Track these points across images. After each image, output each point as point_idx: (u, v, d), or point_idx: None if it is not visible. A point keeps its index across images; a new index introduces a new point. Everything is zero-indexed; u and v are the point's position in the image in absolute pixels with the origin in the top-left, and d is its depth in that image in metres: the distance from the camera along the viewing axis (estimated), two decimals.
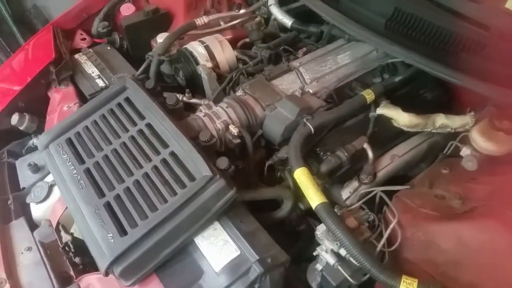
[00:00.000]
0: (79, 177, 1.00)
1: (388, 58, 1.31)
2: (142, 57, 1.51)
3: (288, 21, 1.55)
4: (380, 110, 1.15)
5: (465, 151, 1.06)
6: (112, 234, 0.88)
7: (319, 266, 0.94)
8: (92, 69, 1.53)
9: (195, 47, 1.42)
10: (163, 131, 1.01)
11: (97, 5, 1.77)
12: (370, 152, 1.08)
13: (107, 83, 1.47)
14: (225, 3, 1.78)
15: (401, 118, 1.12)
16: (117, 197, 0.94)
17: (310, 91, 1.23)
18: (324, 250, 0.93)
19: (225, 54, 1.43)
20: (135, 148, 1.01)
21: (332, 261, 0.91)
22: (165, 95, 1.15)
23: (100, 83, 1.47)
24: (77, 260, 1.06)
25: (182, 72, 1.40)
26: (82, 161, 1.03)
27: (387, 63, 1.33)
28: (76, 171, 1.01)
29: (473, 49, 1.06)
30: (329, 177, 1.09)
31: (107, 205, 0.93)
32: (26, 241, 1.13)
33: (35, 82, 1.48)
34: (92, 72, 1.52)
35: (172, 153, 0.97)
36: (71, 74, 1.52)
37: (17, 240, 1.14)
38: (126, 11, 1.75)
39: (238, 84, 1.31)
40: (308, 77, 1.27)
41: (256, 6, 1.68)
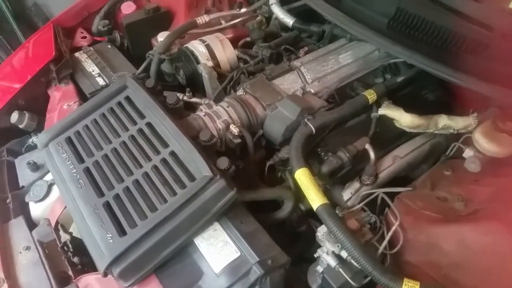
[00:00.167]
0: (79, 176, 0.99)
1: (390, 58, 1.30)
2: (143, 56, 1.50)
3: (289, 20, 1.54)
4: (382, 111, 1.14)
5: (468, 153, 1.05)
6: (111, 234, 0.87)
7: (320, 268, 0.94)
8: (92, 68, 1.53)
9: (196, 46, 1.41)
10: (163, 131, 1.00)
11: (97, 3, 1.77)
12: (372, 153, 1.07)
13: (108, 81, 1.46)
14: (226, 2, 1.78)
15: (403, 118, 1.11)
16: (117, 196, 0.93)
17: (312, 91, 1.22)
18: (325, 252, 0.92)
19: (226, 53, 1.42)
20: (135, 147, 1.00)
21: (333, 263, 0.90)
22: (166, 94, 1.14)
23: (101, 81, 1.47)
24: (75, 260, 1.06)
25: (182, 71, 1.39)
26: (81, 160, 1.03)
27: (389, 63, 1.32)
28: (75, 170, 1.01)
29: (476, 50, 1.05)
30: (330, 178, 1.08)
31: (107, 205, 0.93)
32: (25, 240, 1.12)
33: (35, 80, 1.47)
34: (93, 71, 1.51)
35: (172, 153, 0.96)
36: (71, 73, 1.51)
37: (16, 239, 1.14)
38: (127, 9, 1.74)
39: (239, 83, 1.30)
40: (310, 77, 1.26)
41: (257, 5, 1.67)
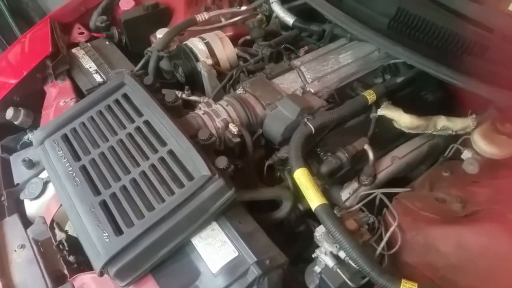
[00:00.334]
0: (75, 174, 0.98)
1: (390, 59, 1.30)
2: (141, 53, 1.49)
3: (289, 19, 1.53)
4: (382, 111, 1.14)
5: (466, 154, 1.05)
6: (107, 233, 0.86)
7: (317, 268, 0.93)
8: (89, 64, 1.51)
9: (195, 44, 1.40)
10: (161, 129, 0.99)
11: None
12: (370, 153, 1.07)
13: (105, 78, 1.45)
14: None
15: (402, 119, 1.10)
16: (113, 195, 0.92)
17: (311, 90, 1.22)
18: (323, 252, 0.92)
19: (226, 51, 1.41)
20: (132, 145, 0.99)
21: (331, 263, 0.90)
22: (164, 92, 1.13)
23: (98, 78, 1.45)
24: (71, 258, 1.05)
25: (181, 68, 1.38)
26: (77, 158, 1.01)
27: (389, 64, 1.31)
28: (71, 168, 0.99)
29: (476, 51, 1.04)
30: (329, 178, 1.08)
31: (103, 204, 0.92)
32: (20, 238, 1.11)
33: (31, 76, 1.45)
34: (90, 67, 1.50)
35: (170, 152, 0.95)
36: (68, 69, 1.49)
37: (10, 238, 1.12)
38: (125, 5, 1.72)
39: (239, 82, 1.29)
40: (310, 77, 1.26)
41: (258, 3, 1.66)
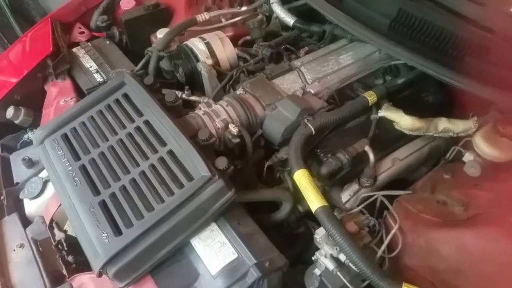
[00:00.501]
0: (74, 174, 0.98)
1: (391, 60, 1.29)
2: (141, 52, 1.49)
3: (290, 20, 1.53)
4: (382, 113, 1.13)
5: (468, 157, 1.04)
6: (106, 234, 0.85)
7: (317, 271, 0.93)
8: (90, 64, 1.51)
9: (196, 44, 1.39)
10: (161, 129, 0.99)
11: None
12: (371, 155, 1.06)
13: (105, 78, 1.44)
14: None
15: (403, 121, 1.10)
16: (113, 195, 0.92)
17: (312, 91, 1.21)
18: (323, 255, 0.91)
19: (226, 52, 1.41)
20: (132, 145, 0.99)
21: (331, 266, 0.89)
22: (164, 92, 1.13)
23: (98, 77, 1.45)
24: (70, 258, 1.04)
25: (181, 68, 1.38)
26: (77, 158, 1.01)
27: (390, 65, 1.31)
28: (71, 168, 0.99)
29: (477, 53, 1.04)
30: (329, 179, 1.08)
31: (102, 204, 0.91)
32: (19, 238, 1.10)
33: (32, 75, 1.45)
34: (90, 67, 1.50)
35: (170, 152, 0.95)
36: (68, 68, 1.49)
37: (9, 237, 1.12)
38: (126, 5, 1.72)
39: (239, 82, 1.29)
40: (310, 77, 1.25)
41: (258, 4, 1.66)
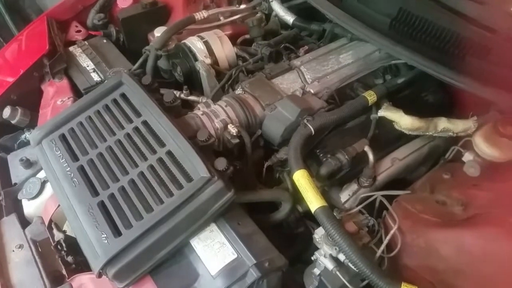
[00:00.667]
0: (73, 175, 0.97)
1: (391, 59, 1.29)
2: (139, 51, 1.48)
3: (289, 18, 1.52)
4: (382, 112, 1.13)
5: (467, 157, 1.04)
6: (106, 235, 0.85)
7: (316, 271, 0.93)
8: (87, 63, 1.50)
9: (194, 43, 1.39)
10: (160, 129, 0.98)
11: None
12: (371, 155, 1.06)
13: (103, 77, 1.44)
14: None
15: (403, 121, 1.09)
16: (112, 196, 0.91)
17: (311, 91, 1.20)
18: (323, 254, 0.91)
19: (225, 51, 1.40)
20: (130, 146, 0.98)
21: (330, 266, 0.89)
22: (163, 92, 1.12)
23: (95, 77, 1.44)
24: (69, 259, 1.04)
25: (179, 68, 1.37)
26: (75, 158, 1.00)
27: (390, 64, 1.30)
28: (69, 169, 0.99)
29: (478, 52, 1.04)
30: (329, 179, 1.07)
31: (101, 204, 0.91)
32: (18, 238, 1.10)
33: (28, 75, 1.44)
34: (87, 66, 1.49)
35: (169, 152, 0.94)
36: (65, 67, 1.48)
37: (8, 238, 1.12)
38: (123, 3, 1.71)
39: (238, 82, 1.28)
40: (309, 77, 1.25)
41: (257, 2, 1.65)
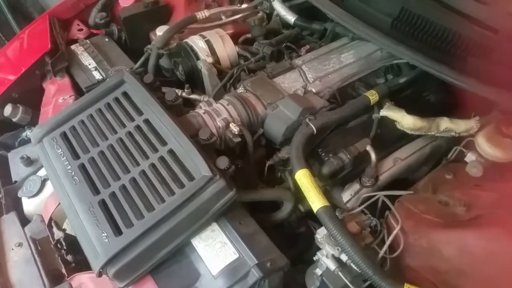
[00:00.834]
0: (73, 173, 0.97)
1: (393, 59, 1.28)
2: (141, 50, 1.47)
3: (291, 18, 1.52)
4: (384, 112, 1.13)
5: (470, 157, 1.04)
6: (106, 234, 0.85)
7: (318, 271, 0.92)
8: (89, 61, 1.50)
9: (196, 41, 1.38)
10: (162, 128, 0.98)
11: None
12: (373, 154, 1.05)
13: (104, 75, 1.43)
14: None
15: (405, 120, 1.09)
16: (113, 195, 0.91)
17: (313, 90, 1.20)
18: (325, 255, 0.91)
19: (226, 50, 1.40)
20: (132, 144, 0.98)
21: (332, 266, 0.89)
22: (164, 90, 1.12)
23: (97, 75, 1.44)
24: (69, 258, 1.03)
25: (181, 66, 1.37)
26: (76, 156, 1.00)
27: (391, 64, 1.30)
28: (70, 167, 0.98)
29: (480, 52, 1.04)
30: (331, 179, 1.07)
31: (102, 203, 0.90)
32: (17, 236, 1.10)
33: (30, 73, 1.44)
34: (89, 64, 1.48)
35: (171, 151, 0.94)
36: (67, 66, 1.48)
37: (8, 236, 1.11)
38: (125, 2, 1.71)
39: (239, 81, 1.28)
40: (311, 76, 1.24)
41: (259, 1, 1.64)
